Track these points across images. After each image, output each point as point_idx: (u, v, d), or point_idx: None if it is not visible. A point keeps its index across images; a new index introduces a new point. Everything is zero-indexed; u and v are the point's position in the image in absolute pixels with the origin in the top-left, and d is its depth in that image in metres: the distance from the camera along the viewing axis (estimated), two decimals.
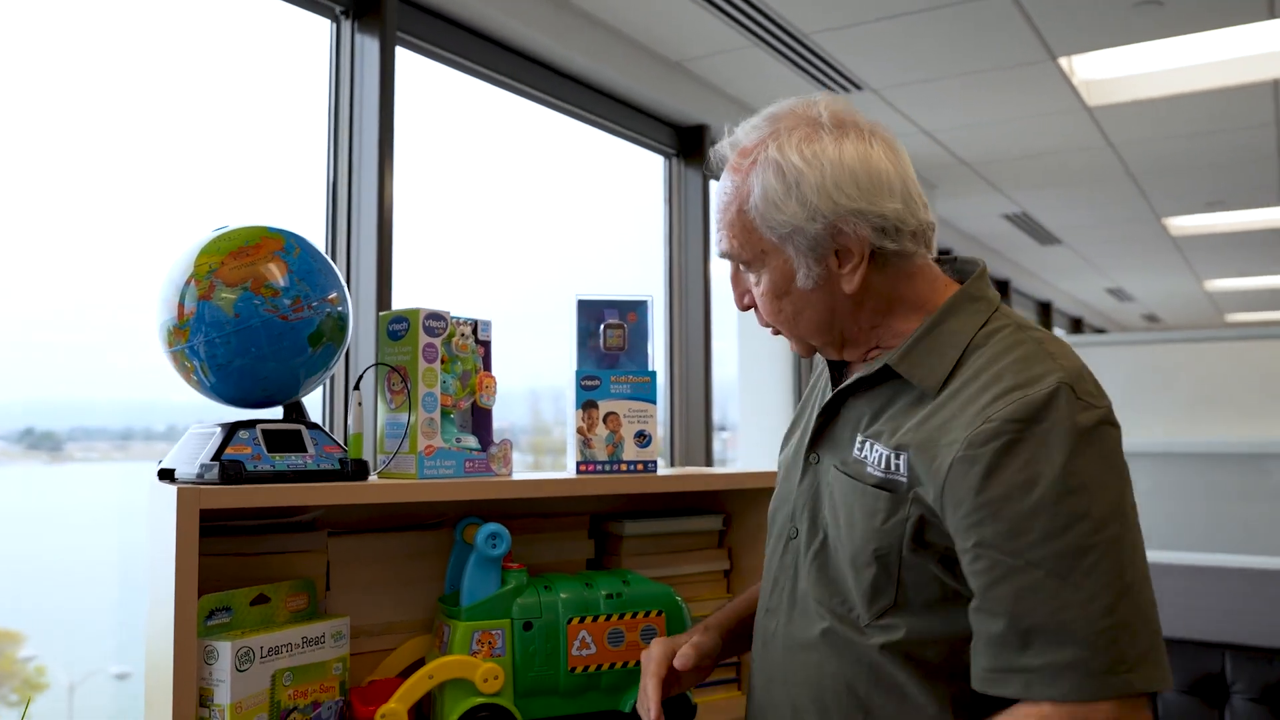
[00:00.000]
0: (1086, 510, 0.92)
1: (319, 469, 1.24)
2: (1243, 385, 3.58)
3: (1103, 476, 0.94)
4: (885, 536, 1.02)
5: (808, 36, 3.07)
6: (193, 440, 1.26)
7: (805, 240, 1.06)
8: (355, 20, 2.30)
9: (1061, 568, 0.91)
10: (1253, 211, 5.67)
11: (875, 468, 1.05)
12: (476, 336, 1.43)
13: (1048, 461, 0.92)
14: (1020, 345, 1.01)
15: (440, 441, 1.34)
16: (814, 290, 1.08)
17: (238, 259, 1.21)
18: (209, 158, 2.19)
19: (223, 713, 1.12)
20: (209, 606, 1.16)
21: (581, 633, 1.33)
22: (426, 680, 1.26)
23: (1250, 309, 9.82)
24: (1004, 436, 0.94)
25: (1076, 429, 0.93)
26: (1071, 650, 0.90)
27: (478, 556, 1.31)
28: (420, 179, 2.57)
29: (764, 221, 1.08)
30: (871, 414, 1.09)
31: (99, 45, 2.04)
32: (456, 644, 1.29)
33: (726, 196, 1.12)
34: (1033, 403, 0.94)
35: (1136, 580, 0.92)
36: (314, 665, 1.22)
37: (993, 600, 0.94)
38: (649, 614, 1.38)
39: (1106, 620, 0.90)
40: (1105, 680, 0.89)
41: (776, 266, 1.09)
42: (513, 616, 1.31)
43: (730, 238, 1.12)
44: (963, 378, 1.02)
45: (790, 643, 1.12)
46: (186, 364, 1.22)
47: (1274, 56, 3.43)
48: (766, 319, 1.14)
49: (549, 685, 1.31)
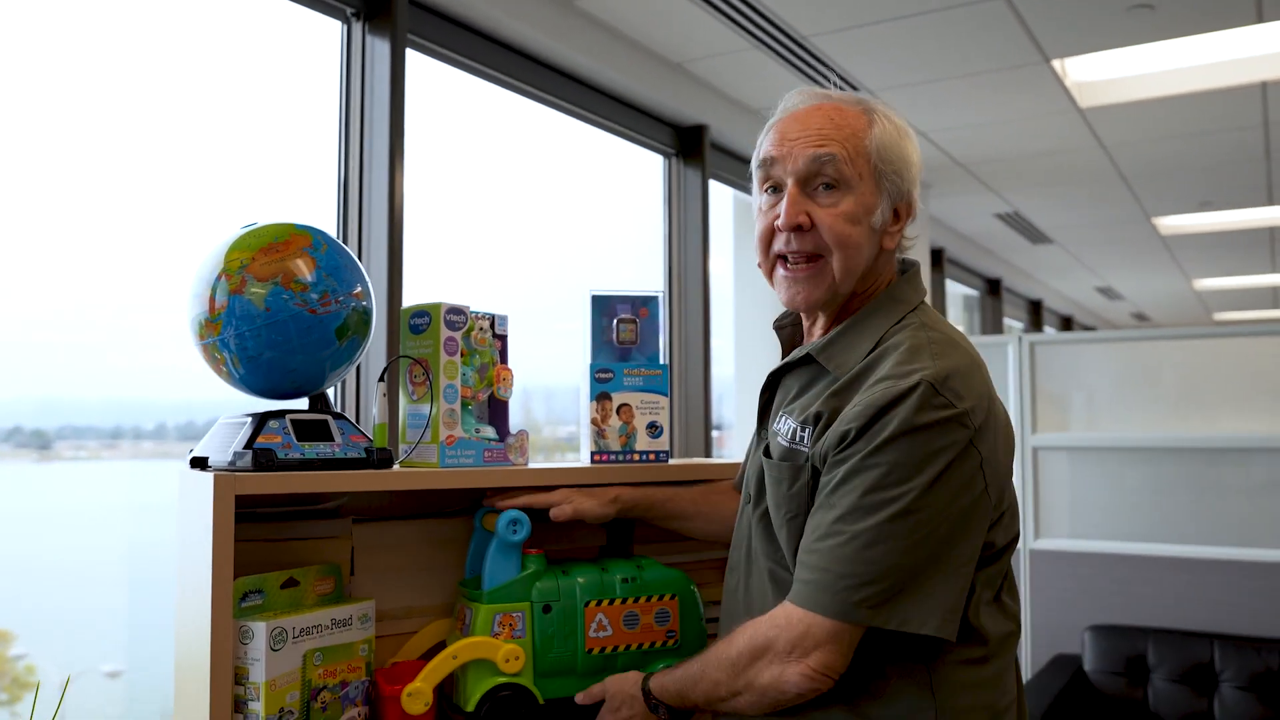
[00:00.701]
0: (891, 483, 1.10)
1: (346, 457, 1.29)
2: (1228, 381, 3.64)
3: (920, 463, 1.10)
4: (792, 501, 1.19)
5: (806, 39, 3.13)
6: (223, 430, 1.30)
7: (896, 185, 1.23)
8: (366, 22, 2.34)
9: (850, 516, 1.11)
10: (1241, 211, 5.74)
11: (784, 439, 1.22)
12: (494, 330, 1.48)
13: (879, 439, 1.11)
14: (908, 343, 1.18)
15: (461, 432, 1.39)
16: (873, 233, 1.23)
17: (268, 255, 1.26)
18: (218, 158, 2.22)
19: (258, 690, 1.17)
20: (243, 589, 1.21)
21: (598, 615, 1.37)
22: (450, 660, 1.30)
23: (1238, 308, 9.92)
24: (864, 417, 1.12)
25: (912, 424, 1.10)
26: (830, 577, 1.11)
27: (499, 542, 1.35)
28: (428, 178, 2.61)
29: (879, 153, 1.21)
30: (795, 392, 1.27)
31: (106, 45, 2.06)
32: (478, 626, 1.33)
33: (837, 123, 1.22)
34: (893, 393, 1.12)
35: (912, 546, 1.10)
36: (342, 646, 1.26)
37: (810, 524, 1.16)
38: (663, 598, 1.42)
39: (868, 566, 1.09)
40: (846, 608, 1.09)
41: (865, 194, 1.22)
42: (532, 600, 1.35)
43: (842, 150, 1.20)
44: (864, 365, 1.19)
45: (748, 596, 1.28)
46: (217, 356, 1.27)
47: (1263, 59, 3.49)
48: (832, 241, 1.21)
49: (567, 665, 1.35)
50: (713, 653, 1.22)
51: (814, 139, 1.21)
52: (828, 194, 1.21)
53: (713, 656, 1.21)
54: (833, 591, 1.10)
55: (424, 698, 1.28)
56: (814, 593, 1.11)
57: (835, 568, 1.10)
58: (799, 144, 1.21)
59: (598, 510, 1.38)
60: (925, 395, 1.11)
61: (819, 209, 1.21)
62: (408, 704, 1.27)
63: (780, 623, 1.14)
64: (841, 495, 1.12)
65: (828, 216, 1.20)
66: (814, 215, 1.21)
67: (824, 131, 1.21)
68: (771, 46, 3.17)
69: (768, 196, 1.26)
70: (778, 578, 1.23)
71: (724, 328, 4.21)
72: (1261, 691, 2.87)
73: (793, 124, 1.23)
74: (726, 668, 1.18)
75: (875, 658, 1.15)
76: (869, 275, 1.25)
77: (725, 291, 4.27)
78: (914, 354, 1.16)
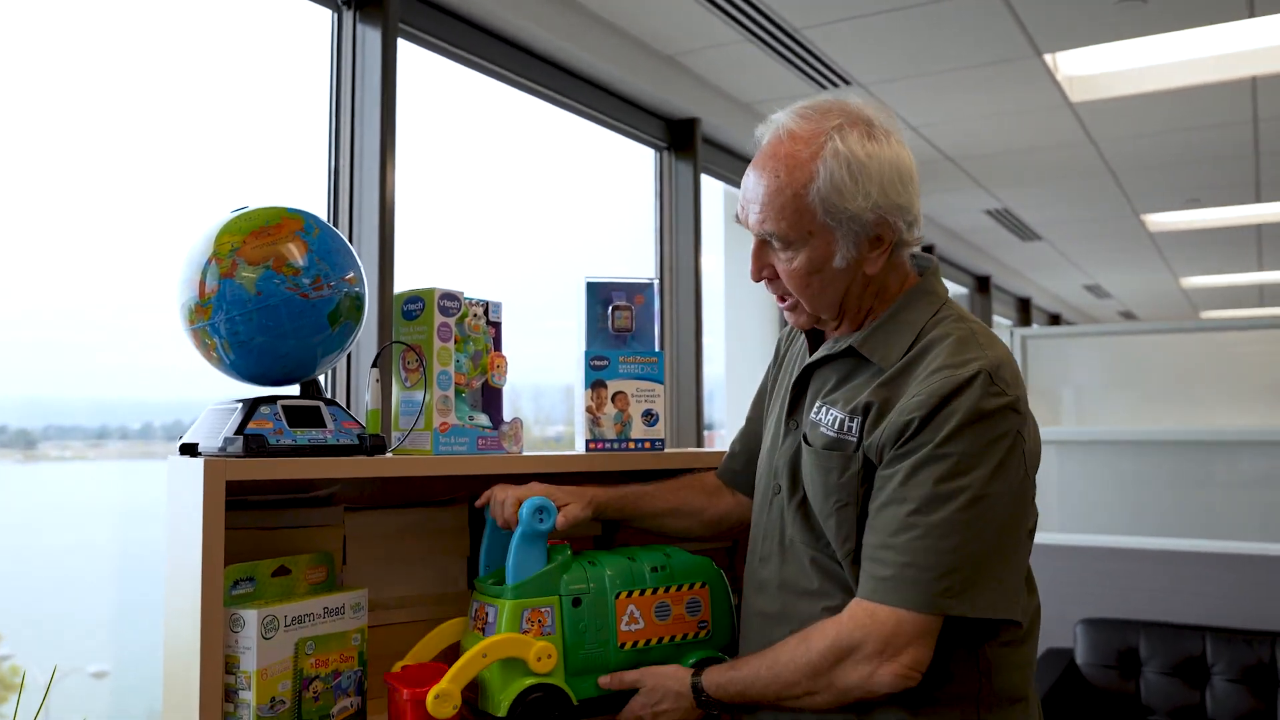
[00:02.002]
0: (962, 472, 1.12)
1: (338, 444, 1.27)
2: (1217, 376, 3.66)
3: (984, 450, 1.13)
4: (842, 490, 1.20)
5: (798, 31, 3.12)
6: (213, 416, 1.28)
7: (856, 227, 1.20)
8: (357, 11, 2.32)
9: (925, 507, 1.12)
10: (1229, 209, 5.76)
11: (829, 429, 1.23)
12: (488, 317, 1.46)
13: (947, 429, 1.13)
14: (955, 334, 1.21)
15: (454, 419, 1.37)
16: (843, 270, 1.23)
17: (259, 238, 1.24)
18: (209, 149, 2.19)
19: (249, 679, 1.15)
20: (233, 577, 1.19)
21: (630, 607, 1.32)
22: (480, 660, 1.23)
23: (1224, 306, 9.96)
24: (927, 406, 1.14)
25: (978, 411, 1.13)
26: (913, 570, 1.11)
27: (524, 533, 1.28)
28: (418, 168, 2.59)
29: (824, 206, 1.19)
30: (834, 383, 1.27)
31: (96, 36, 2.04)
32: (505, 623, 1.26)
33: (779, 180, 1.20)
34: (955, 381, 1.14)
35: (983, 533, 1.12)
36: (335, 635, 1.25)
37: (876, 520, 1.16)
38: (693, 586, 1.37)
39: (948, 556, 1.11)
40: (930, 599, 1.11)
41: (818, 247, 1.21)
42: (561, 593, 1.28)
43: (778, 219, 1.21)
44: (910, 357, 1.21)
45: (785, 584, 1.27)
46: (208, 341, 1.25)
47: (1253, 54, 3.50)
48: (793, 291, 1.25)
49: (599, 663, 1.29)
50: (783, 654, 1.19)
51: (755, 211, 1.22)
52: (782, 251, 1.23)
53: (785, 658, 1.19)
54: (918, 585, 1.11)
55: (452, 700, 1.20)
56: (898, 588, 1.12)
57: (918, 560, 1.11)
58: (749, 212, 1.24)
59: (579, 514, 1.35)
60: (985, 383, 1.14)
61: (778, 264, 1.24)
62: (435, 708, 1.19)
63: (864, 622, 1.13)
64: (913, 488, 1.13)
65: (784, 273, 1.24)
66: (776, 267, 1.24)
67: (764, 204, 1.21)
68: (763, 39, 3.16)
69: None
70: (823, 565, 1.23)
71: (714, 325, 4.20)
72: (1253, 684, 2.88)
73: (748, 180, 1.25)
74: (804, 670, 1.16)
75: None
76: (866, 295, 1.26)
77: (716, 289, 4.26)
78: (964, 345, 1.18)
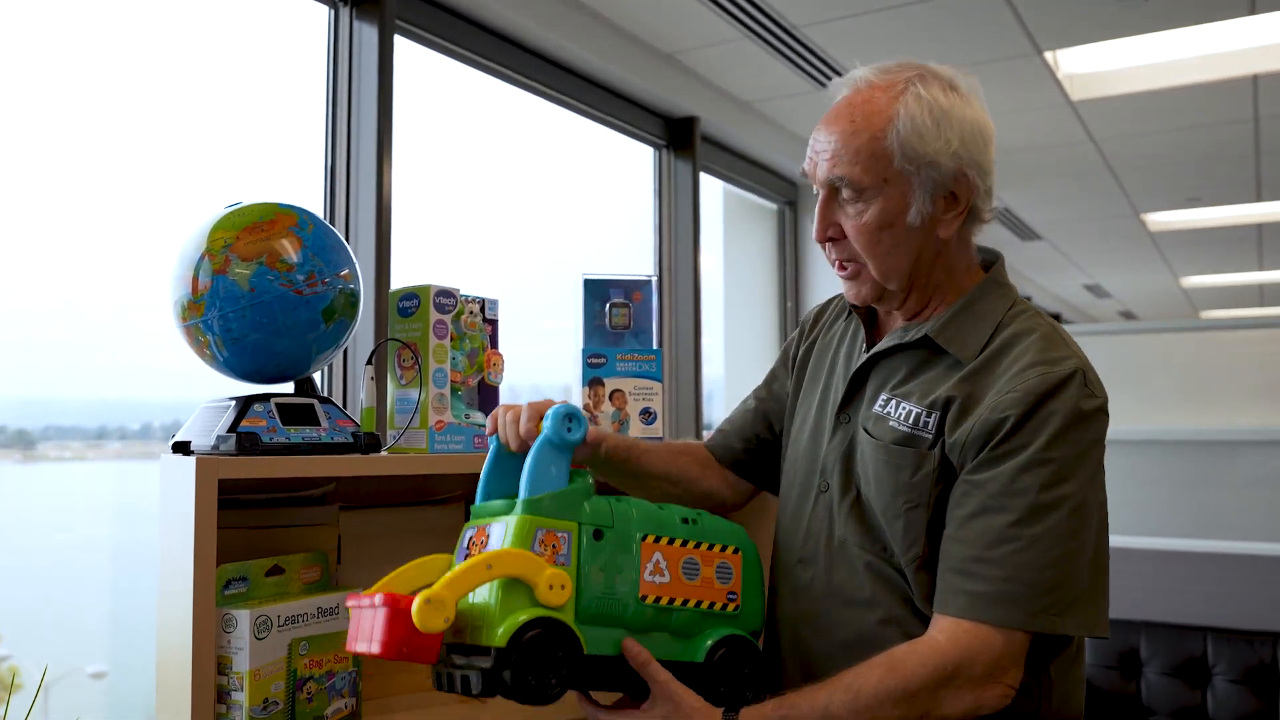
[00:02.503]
0: (1063, 478, 1.06)
1: (332, 442, 1.26)
2: (1218, 376, 3.65)
3: (1083, 456, 1.07)
4: (914, 490, 1.12)
5: (798, 29, 3.10)
6: (206, 414, 1.27)
7: (934, 175, 1.14)
8: (354, 8, 2.31)
9: (1028, 518, 1.05)
10: (1230, 208, 5.75)
11: (901, 423, 1.15)
12: (484, 315, 1.45)
13: (1047, 431, 1.06)
14: (1040, 330, 1.15)
15: (450, 417, 1.36)
16: (915, 229, 1.16)
17: (252, 234, 1.23)
18: (206, 147, 2.18)
19: (241, 680, 1.14)
20: (226, 576, 1.17)
21: (656, 555, 1.12)
22: (483, 571, 1.01)
23: (1225, 305, 9.95)
24: (1024, 404, 1.07)
25: (1078, 412, 1.07)
26: (1014, 585, 1.04)
27: (546, 443, 1.09)
28: (415, 165, 2.58)
29: (903, 149, 1.13)
30: (904, 374, 1.19)
31: (91, 34, 2.02)
32: (514, 539, 1.05)
33: (855, 123, 1.15)
34: (1052, 379, 1.07)
35: (1084, 545, 1.07)
36: (329, 635, 1.23)
37: (966, 529, 1.07)
38: (725, 549, 1.19)
39: (1051, 570, 1.04)
40: (1033, 616, 1.03)
41: (892, 197, 1.14)
42: (582, 520, 1.09)
43: (851, 163, 1.14)
44: (991, 351, 1.14)
45: (833, 591, 1.19)
46: (201, 338, 1.24)
47: (1254, 52, 3.49)
48: (862, 250, 1.17)
49: (615, 613, 1.09)
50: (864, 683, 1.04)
51: (827, 157, 1.16)
52: (853, 204, 1.16)
53: (870, 688, 1.03)
54: (1021, 602, 1.03)
55: (444, 610, 0.96)
56: (999, 605, 1.04)
57: (1021, 576, 1.03)
58: (820, 158, 1.17)
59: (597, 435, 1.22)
60: (1080, 384, 1.08)
61: (846, 219, 1.17)
62: (424, 615, 0.96)
63: (968, 644, 1.04)
64: (1013, 496, 1.05)
65: (853, 228, 1.16)
66: (843, 225, 1.17)
67: (836, 149, 1.15)
68: (763, 37, 3.14)
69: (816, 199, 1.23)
70: (879, 571, 1.15)
71: (712, 325, 4.18)
72: (1254, 685, 2.87)
73: (819, 131, 1.19)
74: (899, 699, 1.03)
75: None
76: (937, 267, 1.19)
77: (714, 287, 4.25)
78: (1051, 342, 1.13)
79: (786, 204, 4.48)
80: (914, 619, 1.13)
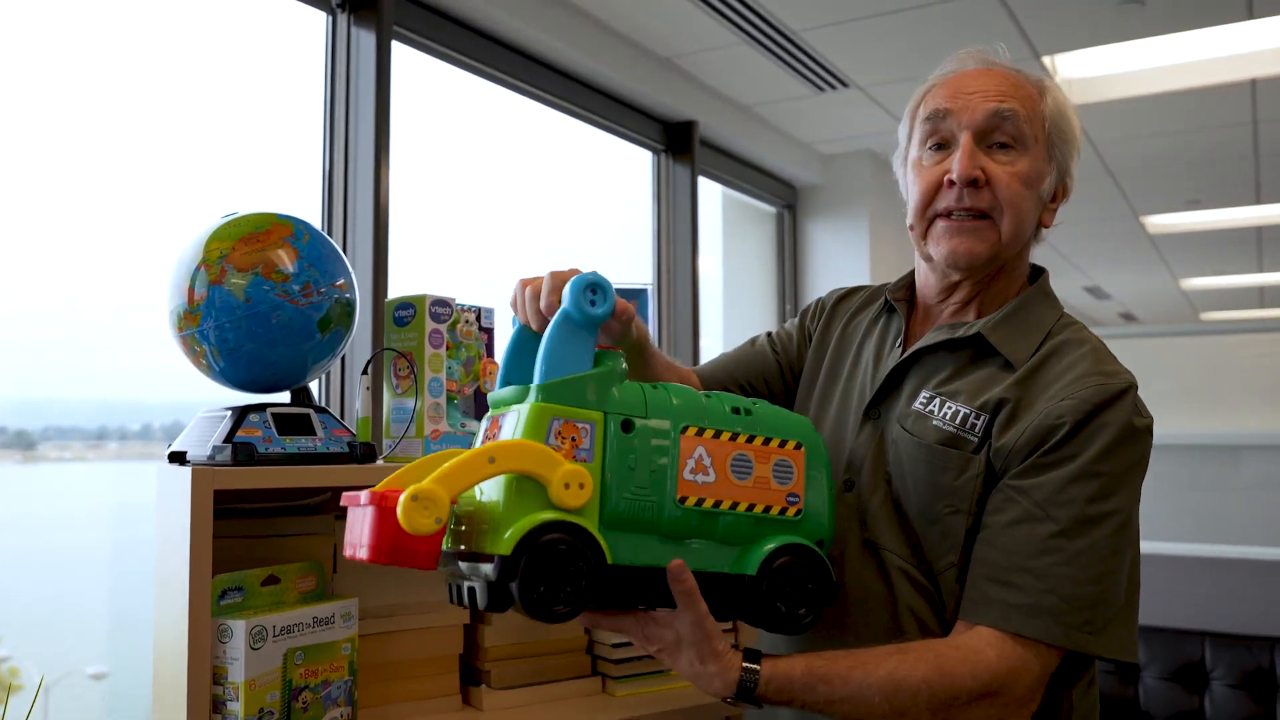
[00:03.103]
0: (1110, 493, 1.03)
1: (328, 452, 1.26)
2: (1216, 380, 3.65)
3: (1131, 472, 1.05)
4: (956, 495, 1.08)
5: (796, 34, 3.11)
6: (202, 424, 1.27)
7: (1064, 159, 1.18)
8: (351, 14, 2.31)
9: (1072, 530, 1.02)
10: (1229, 210, 5.75)
11: (945, 423, 1.10)
12: (480, 324, 1.45)
13: (1099, 443, 1.04)
14: (1091, 343, 1.13)
15: (446, 426, 1.36)
16: (1038, 205, 1.17)
17: (248, 244, 1.23)
18: (201, 151, 2.19)
19: (236, 690, 1.14)
20: (221, 586, 1.18)
21: (698, 450, 0.97)
22: (484, 465, 0.87)
23: (1225, 307, 9.95)
24: (1079, 412, 1.04)
25: (1131, 427, 1.05)
26: (1053, 599, 1.00)
27: (567, 315, 0.95)
28: (413, 171, 2.58)
29: (1052, 123, 1.16)
30: (949, 373, 1.15)
31: (91, 38, 2.03)
32: (526, 430, 0.91)
33: (1014, 83, 1.16)
34: (1108, 391, 1.05)
35: (1125, 563, 1.04)
36: (324, 645, 1.23)
37: (1006, 537, 1.04)
38: (784, 444, 1.02)
39: (1091, 586, 1.01)
40: (1070, 633, 1.00)
41: (1037, 160, 1.15)
42: (608, 409, 0.94)
43: (1021, 105, 1.14)
44: (1041, 356, 1.12)
45: (863, 597, 1.13)
46: (196, 348, 1.24)
47: (1252, 56, 3.49)
48: (1007, 200, 1.13)
49: (647, 517, 0.94)
50: (906, 674, 0.98)
51: (994, 94, 1.14)
52: (1003, 152, 1.14)
53: (912, 682, 0.98)
54: (1061, 617, 1.00)
55: (435, 508, 0.84)
56: (1038, 618, 1.00)
57: (1060, 589, 1.00)
58: (977, 97, 1.14)
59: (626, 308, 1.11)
60: (1134, 400, 1.07)
61: (994, 165, 1.14)
62: (409, 514, 0.83)
63: (1013, 661, 0.99)
64: (1059, 506, 1.02)
65: (1004, 174, 1.13)
66: (989, 171, 1.13)
67: (1003, 89, 1.15)
68: (761, 41, 3.15)
69: (931, 153, 1.18)
70: (912, 578, 1.10)
71: (711, 328, 4.18)
72: (1253, 689, 2.87)
73: (968, 80, 1.17)
74: (940, 707, 0.98)
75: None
76: (1021, 256, 1.20)
77: (713, 290, 4.25)
78: (1104, 356, 1.11)
79: (785, 207, 4.49)
80: (944, 629, 1.09)
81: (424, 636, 1.38)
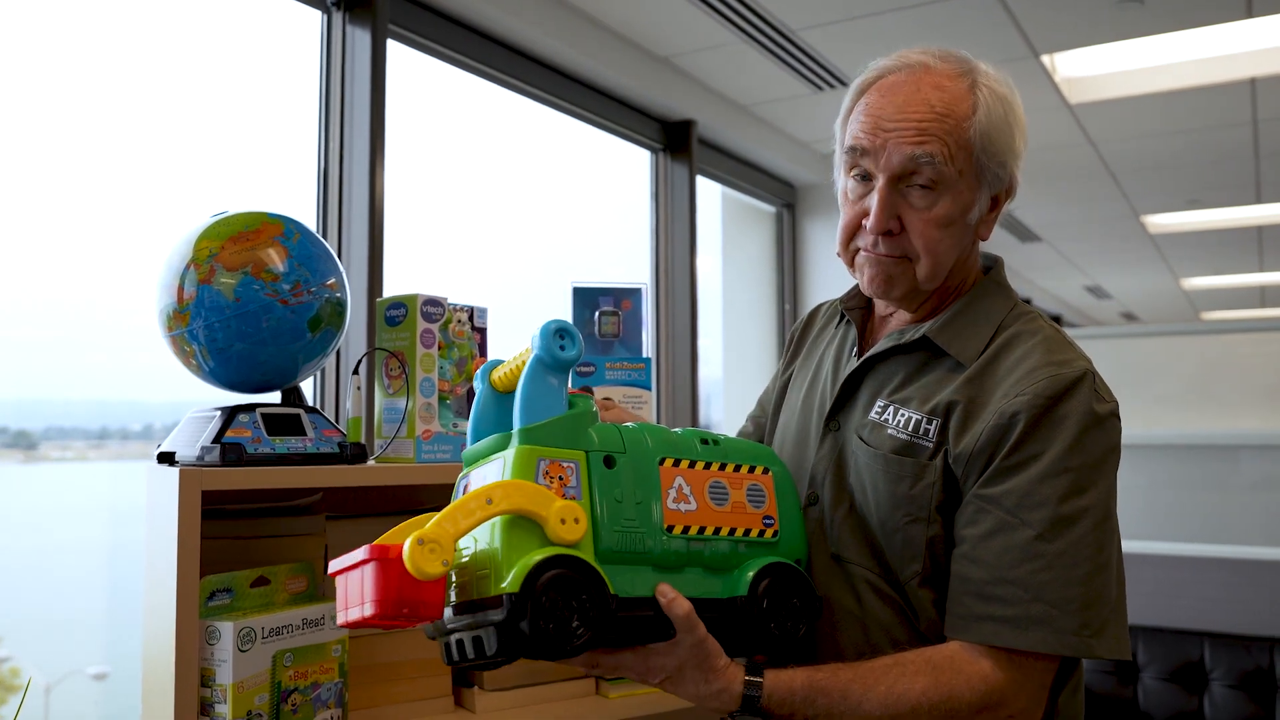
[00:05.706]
0: (1083, 488, 0.99)
1: (318, 452, 1.25)
2: (1217, 379, 3.64)
3: (1101, 462, 1.01)
4: (914, 502, 1.05)
5: (794, 33, 3.10)
6: (192, 424, 1.26)
7: (999, 174, 1.09)
8: (346, 12, 2.30)
9: (1049, 532, 0.98)
10: (1230, 210, 5.74)
11: (899, 431, 1.08)
12: (473, 323, 1.44)
13: (1062, 437, 0.99)
14: (1044, 331, 1.09)
15: (438, 426, 1.35)
16: (968, 228, 1.10)
17: (238, 244, 1.22)
18: (197, 150, 2.18)
19: (224, 692, 1.13)
20: (210, 587, 1.17)
21: (677, 479, 1.00)
22: (483, 506, 0.88)
23: (1226, 307, 9.94)
24: (1035, 407, 1.00)
25: (1093, 415, 1.00)
26: (1042, 606, 0.96)
27: (539, 365, 0.97)
28: (409, 170, 2.57)
29: (982, 144, 1.06)
30: (900, 379, 1.12)
31: (87, 36, 2.02)
32: (514, 473, 0.93)
33: (935, 108, 1.05)
34: (1062, 382, 1.01)
35: (1110, 559, 1.00)
36: (314, 647, 1.23)
37: (983, 550, 1.00)
38: (753, 470, 1.06)
39: (1079, 588, 0.97)
40: (1067, 638, 0.96)
41: (962, 194, 1.07)
42: (589, 448, 0.97)
43: (941, 145, 1.05)
44: (991, 353, 1.08)
45: (826, 607, 1.11)
46: (186, 348, 1.23)
47: (1252, 55, 3.48)
48: (923, 247, 1.08)
49: (639, 549, 0.96)
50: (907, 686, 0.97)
51: (911, 134, 1.04)
52: (922, 195, 1.06)
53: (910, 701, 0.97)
54: (1054, 623, 0.96)
55: (441, 550, 0.84)
56: (1030, 629, 0.97)
57: (1046, 595, 0.96)
58: (894, 137, 1.05)
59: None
60: (1091, 387, 1.02)
61: (911, 211, 1.07)
62: (417, 558, 0.83)
63: (1017, 677, 0.97)
64: (1031, 509, 0.98)
65: (919, 222, 1.06)
66: (905, 219, 1.07)
67: (924, 124, 1.04)
68: (760, 40, 3.14)
69: (855, 183, 1.11)
70: (879, 590, 1.08)
71: (710, 327, 4.18)
72: (1252, 690, 2.86)
73: (888, 104, 1.07)
74: (936, 716, 0.97)
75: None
76: (960, 268, 1.13)
77: (712, 290, 4.24)
78: (1056, 344, 1.06)
79: (784, 206, 4.48)
80: (916, 641, 1.06)
81: (416, 637, 1.37)
